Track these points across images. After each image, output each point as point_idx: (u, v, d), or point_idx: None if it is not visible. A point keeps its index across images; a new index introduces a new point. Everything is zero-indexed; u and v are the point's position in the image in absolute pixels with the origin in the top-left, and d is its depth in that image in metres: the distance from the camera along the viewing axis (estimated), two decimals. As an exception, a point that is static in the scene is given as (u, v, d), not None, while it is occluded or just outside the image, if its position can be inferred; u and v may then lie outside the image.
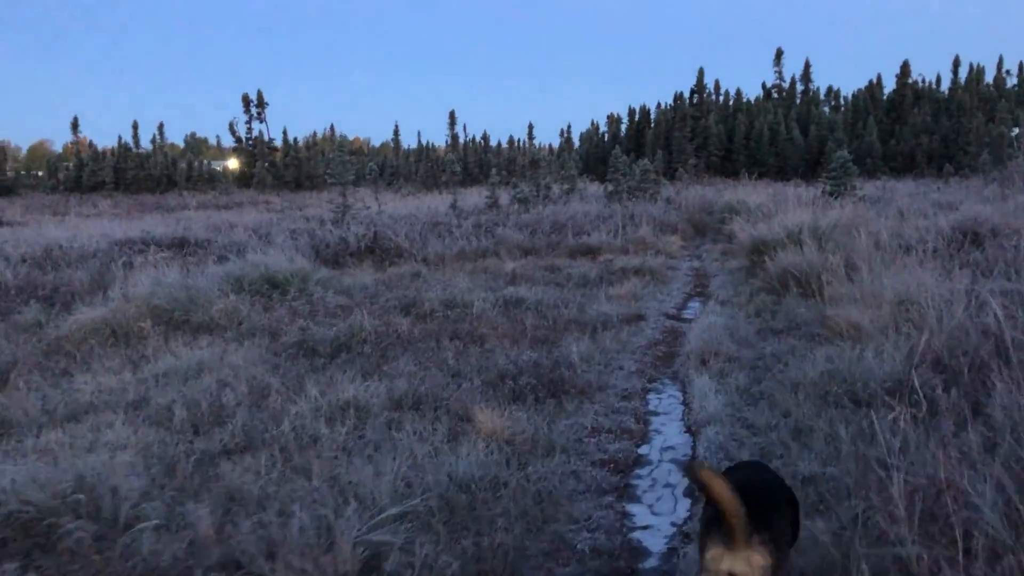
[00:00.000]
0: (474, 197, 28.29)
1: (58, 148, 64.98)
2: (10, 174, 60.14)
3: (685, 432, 6.17)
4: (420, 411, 6.22)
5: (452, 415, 6.10)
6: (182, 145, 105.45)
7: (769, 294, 10.99)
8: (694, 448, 5.81)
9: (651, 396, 7.11)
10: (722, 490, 2.86)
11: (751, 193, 26.49)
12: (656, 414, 6.61)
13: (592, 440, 5.90)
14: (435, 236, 16.85)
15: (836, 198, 21.20)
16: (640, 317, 10.35)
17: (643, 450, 5.79)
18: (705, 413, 6.27)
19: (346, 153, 21.15)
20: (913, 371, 5.40)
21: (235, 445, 5.51)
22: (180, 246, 15.36)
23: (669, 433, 6.17)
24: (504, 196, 27.57)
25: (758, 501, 2.97)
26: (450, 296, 10.71)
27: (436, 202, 26.99)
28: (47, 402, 6.52)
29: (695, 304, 11.88)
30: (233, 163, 66.33)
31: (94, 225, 23.01)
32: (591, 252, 16.39)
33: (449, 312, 10.07)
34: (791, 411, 6.02)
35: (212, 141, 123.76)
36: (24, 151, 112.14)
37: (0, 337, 8.56)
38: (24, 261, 12.94)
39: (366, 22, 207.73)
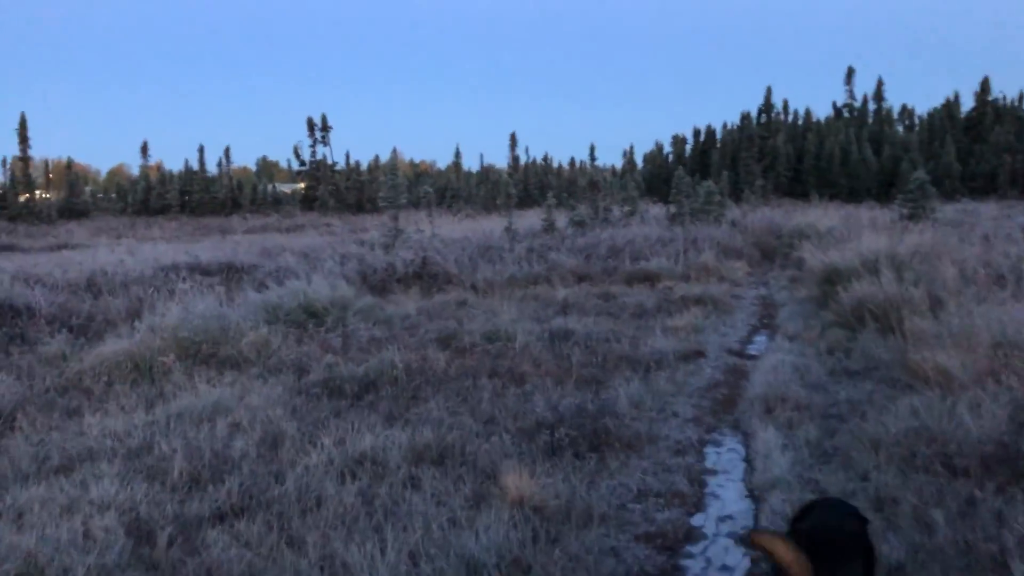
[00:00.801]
0: (531, 219, 27.64)
1: (135, 172, 67.01)
2: (85, 198, 61.72)
3: (746, 497, 5.34)
4: (443, 467, 5.53)
5: (479, 472, 5.39)
6: (254, 168, 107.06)
7: (842, 328, 10.03)
8: (756, 518, 4.98)
9: (708, 450, 6.29)
10: (785, 553, 2.78)
11: (821, 216, 25.33)
12: (713, 473, 5.79)
13: (638, 507, 5.11)
14: (485, 261, 16.23)
15: (914, 221, 19.99)
16: (699, 353, 9.51)
17: (697, 520, 4.98)
18: (769, 474, 5.45)
19: (398, 176, 20.74)
20: (1021, 434, 4.53)
21: (230, 507, 4.88)
22: (226, 272, 15.02)
23: (727, 497, 5.35)
24: (561, 219, 26.91)
25: (829, 555, 2.85)
26: (493, 328, 10.02)
27: (492, 225, 26.42)
28: (43, 449, 6.01)
29: (761, 338, 10.98)
30: (298, 186, 67.01)
31: (148, 249, 23.02)
32: (649, 279, 15.56)
33: (491, 346, 9.38)
34: (870, 475, 5.18)
35: (284, 164, 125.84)
36: (104, 175, 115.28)
37: (13, 372, 8.14)
38: (65, 287, 12.68)
39: (431, 44, 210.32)
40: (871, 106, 68.68)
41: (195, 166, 61.60)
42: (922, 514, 4.42)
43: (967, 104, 64.72)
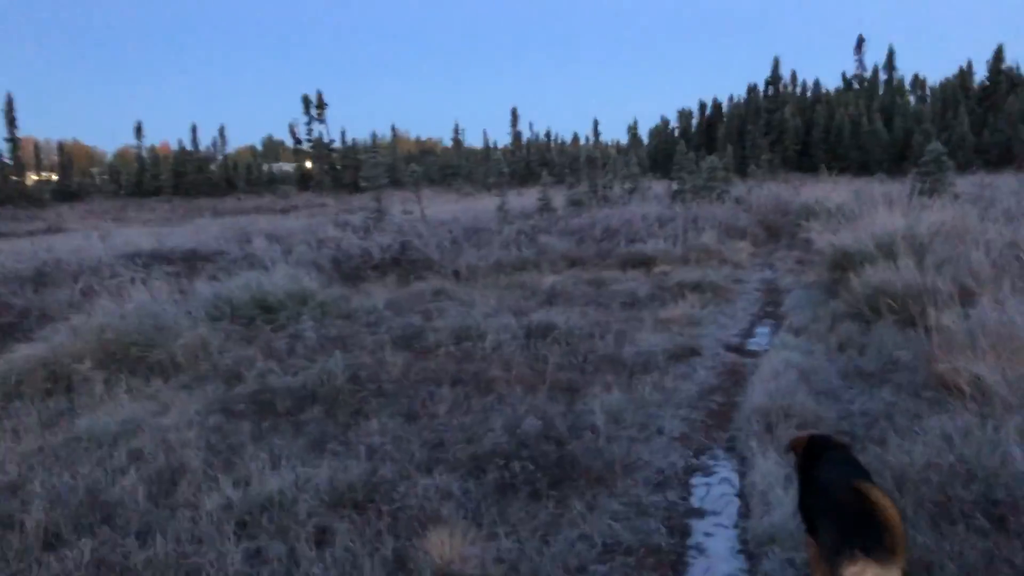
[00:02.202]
0: (529, 199, 26.49)
1: (144, 153, 65.60)
2: (79, 180, 60.67)
3: (739, 552, 4.29)
4: (366, 514, 4.48)
5: (406, 524, 4.34)
6: (260, 148, 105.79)
7: (855, 320, 8.92)
8: (750, 585, 3.94)
9: (696, 480, 5.22)
10: (886, 503, 2.79)
11: (831, 191, 24.12)
12: (700, 515, 4.73)
13: (600, 569, 4.06)
14: (471, 245, 15.14)
15: (929, 196, 18.77)
16: (693, 351, 8.42)
17: (674, 589, 3.94)
18: (768, 520, 4.39)
19: (381, 154, 19.60)
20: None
21: (79, 578, 3.85)
22: (189, 260, 13.97)
23: (715, 552, 4.29)
24: (560, 197, 25.79)
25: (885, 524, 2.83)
26: (464, 324, 8.96)
27: (487, 205, 25.28)
28: None
29: (764, 330, 9.90)
30: (299, 166, 65.60)
31: (124, 233, 21.98)
32: (645, 263, 14.44)
33: (459, 346, 8.32)
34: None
35: (290, 143, 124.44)
36: (110, 156, 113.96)
37: None
38: (3, 280, 11.65)
39: (427, 18, 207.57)
40: (882, 76, 66.95)
41: (196, 146, 60.44)
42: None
43: (980, 74, 63.06)
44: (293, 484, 4.76)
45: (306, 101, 59.04)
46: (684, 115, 75.52)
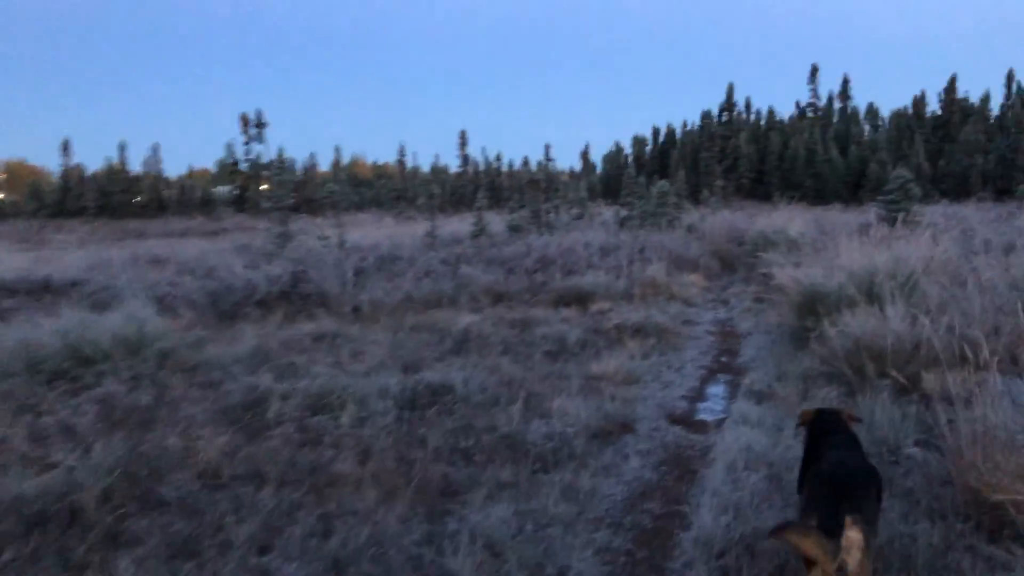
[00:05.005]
0: (466, 224, 24.46)
1: (88, 172, 61.84)
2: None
3: None
4: None
5: None
6: (214, 170, 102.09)
7: (834, 382, 6.96)
8: None
9: None
10: (814, 547, 3.04)
11: (788, 220, 22.42)
12: None
13: None
14: (383, 277, 13.01)
15: (895, 226, 17.12)
16: (626, 426, 6.39)
17: None
18: None
19: (286, 174, 17.50)
20: None
21: None
22: (39, 291, 11.65)
23: None
24: (500, 223, 23.86)
25: (852, 490, 3.31)
26: (327, 387, 6.80)
27: (418, 230, 23.17)
28: None
29: (717, 390, 7.92)
30: (237, 187, 62.75)
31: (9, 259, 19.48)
32: (583, 299, 12.43)
33: (311, 420, 6.19)
34: None
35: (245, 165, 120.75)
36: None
37: None
38: None
39: (387, 43, 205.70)
40: (836, 105, 66.40)
41: (124, 165, 57.25)
42: None
43: (933, 104, 62.76)
44: None
45: (244, 120, 56.25)
46: (638, 141, 74.36)
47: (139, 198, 54.49)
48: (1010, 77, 60.56)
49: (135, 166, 60.37)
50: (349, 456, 5.45)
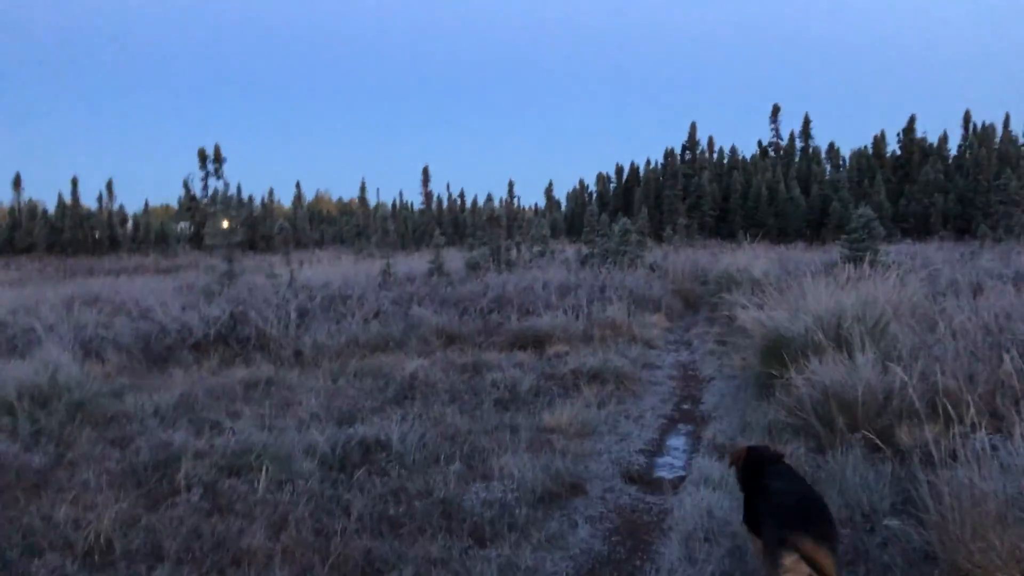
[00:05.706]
0: (424, 261, 23.88)
1: (50, 208, 59.99)
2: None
3: None
4: None
5: None
6: (176, 206, 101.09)
7: (801, 437, 6.46)
8: None
9: None
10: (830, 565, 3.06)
11: (752, 258, 22.14)
12: None
13: None
14: (329, 318, 12.36)
15: (858, 265, 16.86)
16: (576, 487, 5.80)
17: None
18: None
19: (231, 210, 16.85)
20: None
21: None
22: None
23: None
24: (459, 260, 23.30)
25: (821, 516, 3.34)
26: (246, 445, 6.14)
27: (375, 268, 22.52)
28: None
29: (678, 442, 7.37)
30: (194, 223, 61.60)
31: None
32: (539, 341, 11.87)
33: (222, 484, 5.52)
34: None
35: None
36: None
37: None
38: None
39: (355, 79, 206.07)
40: (798, 144, 67.11)
41: (76, 200, 55.83)
42: None
43: (892, 144, 63.71)
44: None
45: (202, 155, 55.47)
46: (602, 179, 74.53)
47: (95, 234, 53.07)
48: (967, 118, 61.75)
49: (90, 201, 59.18)
50: (261, 527, 4.80)
